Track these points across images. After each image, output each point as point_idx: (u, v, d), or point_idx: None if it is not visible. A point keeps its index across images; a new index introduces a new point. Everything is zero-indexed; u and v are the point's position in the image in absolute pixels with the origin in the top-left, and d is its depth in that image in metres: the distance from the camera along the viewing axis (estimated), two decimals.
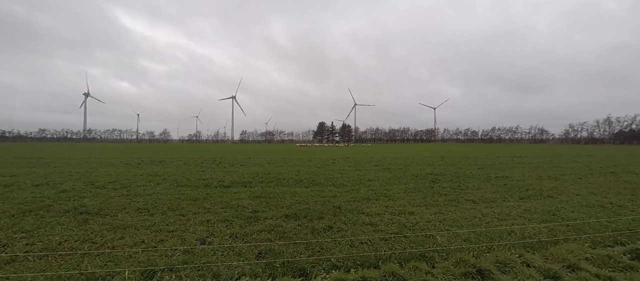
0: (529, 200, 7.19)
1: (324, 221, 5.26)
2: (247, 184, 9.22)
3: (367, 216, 5.67)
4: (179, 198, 7.06)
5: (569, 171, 13.13)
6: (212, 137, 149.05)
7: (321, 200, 7.03)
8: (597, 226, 5.05)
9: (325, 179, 10.32)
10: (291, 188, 8.65)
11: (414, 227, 5.01)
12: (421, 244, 4.23)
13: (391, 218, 5.54)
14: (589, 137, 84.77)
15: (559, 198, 7.33)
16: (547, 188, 8.63)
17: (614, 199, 7.22)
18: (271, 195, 7.51)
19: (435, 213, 5.93)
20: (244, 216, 5.55)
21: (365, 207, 6.35)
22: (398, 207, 6.42)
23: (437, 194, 7.81)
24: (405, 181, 10.04)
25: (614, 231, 4.78)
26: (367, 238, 4.47)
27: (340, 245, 4.18)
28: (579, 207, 6.47)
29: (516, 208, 6.32)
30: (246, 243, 4.29)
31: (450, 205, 6.57)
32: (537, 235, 4.62)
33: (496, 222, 5.33)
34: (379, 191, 8.15)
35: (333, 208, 6.21)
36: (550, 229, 4.94)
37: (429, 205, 6.55)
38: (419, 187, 8.89)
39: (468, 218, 5.57)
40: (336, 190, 8.35)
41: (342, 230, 4.83)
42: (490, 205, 6.65)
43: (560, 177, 11.09)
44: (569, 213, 5.93)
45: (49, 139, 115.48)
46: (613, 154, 28.04)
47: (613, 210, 6.22)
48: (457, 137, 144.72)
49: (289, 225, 5.08)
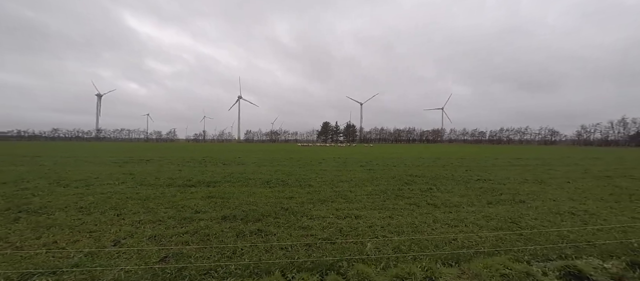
0: (496, 205, 6.72)
1: (258, 224, 5.00)
2: (212, 184, 9.04)
3: (309, 219, 5.37)
4: (130, 197, 6.93)
5: (561, 174, 12.42)
6: (218, 137, 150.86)
7: (275, 201, 6.77)
8: (552, 237, 4.59)
9: (296, 180, 10.04)
10: (254, 188, 8.41)
11: (350, 232, 4.69)
12: (343, 251, 3.91)
13: (333, 221, 5.23)
14: (602, 138, 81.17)
15: (531, 204, 6.82)
16: (525, 193, 8.10)
17: (592, 206, 6.67)
18: (227, 195, 7.29)
19: (385, 217, 5.58)
20: (179, 217, 5.34)
21: (314, 209, 6.04)
22: (350, 209, 6.09)
23: (401, 197, 7.43)
24: (379, 183, 9.66)
25: (568, 243, 4.33)
26: (290, 243, 4.19)
27: (256, 250, 3.91)
28: (547, 214, 5.97)
29: (476, 213, 5.89)
30: (160, 246, 4.08)
31: (407, 209, 6.19)
32: (478, 245, 4.22)
33: (443, 229, 4.94)
34: (342, 192, 7.82)
35: (281, 210, 5.95)
36: (498, 238, 4.52)
37: (384, 209, 6.19)
38: (388, 188, 8.50)
39: (416, 223, 5.19)
40: (299, 191, 8.07)
41: (270, 234, 4.55)
42: (451, 209, 6.23)
43: (548, 181, 10.47)
44: (531, 220, 5.46)
45: (61, 138, 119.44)
46: (622, 157, 26.66)
47: (583, 218, 5.70)
48: (464, 137, 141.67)
49: (219, 227, 4.84)
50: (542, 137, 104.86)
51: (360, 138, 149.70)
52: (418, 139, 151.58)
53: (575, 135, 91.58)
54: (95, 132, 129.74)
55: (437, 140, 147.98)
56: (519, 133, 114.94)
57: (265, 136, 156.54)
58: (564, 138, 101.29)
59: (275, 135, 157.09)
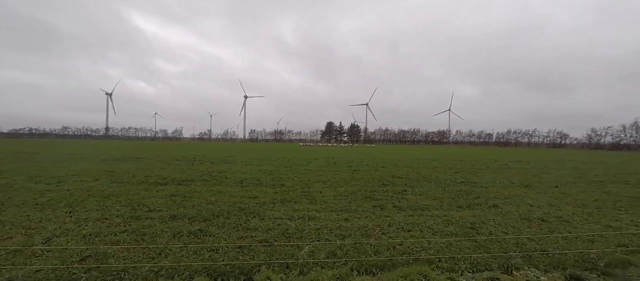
0: (466, 209, 6.41)
1: (202, 224, 4.85)
2: (185, 182, 8.97)
3: (260, 220, 5.20)
4: (92, 194, 6.90)
5: (553, 178, 11.92)
6: (223, 136, 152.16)
7: (237, 200, 6.62)
8: (507, 245, 4.30)
9: (273, 179, 9.88)
10: (225, 187, 8.30)
11: (294, 235, 4.50)
12: (272, 255, 3.72)
13: (283, 223, 5.04)
14: (614, 142, 78.11)
15: (504, 208, 6.49)
16: (503, 197, 7.74)
17: (568, 212, 6.29)
18: (191, 194, 7.18)
19: (341, 219, 5.37)
20: (128, 216, 5.25)
21: (271, 210, 5.87)
22: (308, 210, 5.90)
23: (370, 198, 7.19)
24: (355, 183, 9.41)
25: (522, 251, 4.04)
26: (224, 244, 4.02)
27: (184, 251, 3.76)
28: (516, 219, 5.65)
29: (439, 218, 5.61)
30: (90, 244, 3.97)
31: (369, 212, 5.95)
32: (420, 252, 3.97)
33: (395, 233, 4.70)
34: (311, 193, 7.63)
35: (236, 210, 5.80)
36: (447, 244, 4.25)
37: (345, 211, 5.97)
38: (361, 189, 8.26)
39: (369, 227, 4.96)
40: (268, 190, 7.91)
41: (209, 235, 4.40)
42: (415, 213, 5.96)
43: (535, 184, 10.03)
44: (493, 226, 5.16)
45: (70, 136, 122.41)
46: (628, 161, 25.62)
47: (552, 225, 5.36)
48: (470, 139, 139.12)
49: (161, 226, 4.72)
50: (551, 140, 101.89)
51: (365, 139, 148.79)
52: (423, 140, 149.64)
53: (586, 139, 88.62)
54: (103, 131, 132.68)
55: (443, 141, 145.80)
56: (526, 136, 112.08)
57: (269, 135, 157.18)
58: (574, 141, 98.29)
59: (279, 134, 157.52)
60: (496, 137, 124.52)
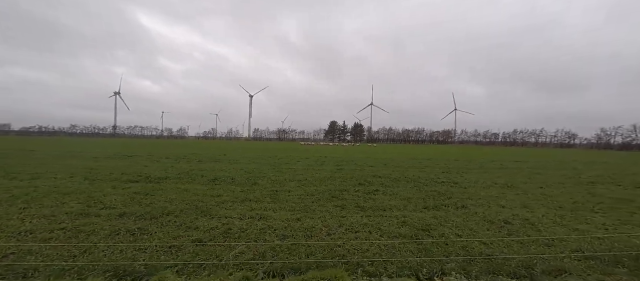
0: (430, 210, 6.18)
1: (147, 222, 4.78)
2: (157, 180, 8.95)
3: (209, 219, 5.10)
4: (56, 191, 6.91)
5: (542, 178, 11.50)
6: (227, 134, 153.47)
7: (197, 199, 6.53)
8: (453, 248, 4.09)
9: (248, 178, 9.78)
10: (194, 185, 8.24)
11: (234, 235, 4.38)
12: (196, 255, 3.60)
13: (229, 222, 4.93)
14: (625, 142, 75.53)
15: (472, 210, 6.23)
16: (477, 197, 7.46)
17: (539, 215, 5.99)
18: (155, 191, 7.15)
19: (293, 219, 5.22)
20: (77, 213, 5.21)
21: (226, 209, 5.77)
22: (264, 210, 5.79)
23: (336, 198, 7.02)
24: (330, 183, 9.23)
25: (465, 255, 3.83)
26: (157, 243, 3.92)
27: (112, 250, 3.67)
28: (478, 221, 5.40)
29: (396, 219, 5.39)
30: (21, 242, 3.92)
31: (328, 212, 5.78)
32: (355, 254, 3.80)
33: (340, 234, 4.52)
34: (278, 192, 7.50)
35: (191, 208, 5.72)
36: (390, 247, 4.07)
37: (303, 210, 5.82)
38: (331, 189, 8.09)
39: (317, 227, 4.80)
40: (235, 189, 7.83)
41: (147, 233, 4.32)
42: (374, 213, 5.77)
43: (519, 185, 9.68)
44: (449, 228, 4.92)
45: (78, 134, 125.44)
46: (634, 162, 24.71)
47: (513, 228, 5.09)
48: (476, 139, 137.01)
49: (103, 224, 4.66)
50: (558, 140, 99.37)
51: (368, 138, 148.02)
52: (428, 140, 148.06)
53: (595, 138, 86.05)
54: (110, 129, 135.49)
55: (448, 141, 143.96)
56: (533, 135, 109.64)
57: (273, 134, 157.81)
58: (584, 141, 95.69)
59: (283, 133, 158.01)
60: (502, 137, 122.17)
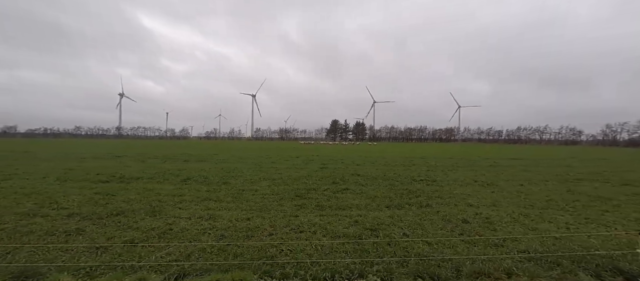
0: (392, 209, 6.01)
1: (88, 222, 4.73)
2: (129, 180, 8.95)
3: (156, 219, 5.01)
4: (21, 192, 6.93)
5: (528, 176, 11.20)
6: (229, 134, 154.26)
7: (159, 198, 6.48)
8: (396, 248, 3.93)
9: (223, 177, 9.72)
10: (164, 185, 8.20)
11: (173, 235, 4.28)
12: (120, 255, 3.50)
13: (175, 222, 4.84)
14: (631, 138, 73.55)
15: (435, 208, 6.04)
16: (447, 196, 7.26)
17: (504, 213, 5.78)
18: (118, 191, 7.12)
19: (243, 219, 5.11)
20: (25, 213, 5.17)
21: (180, 208, 5.71)
22: (219, 209, 5.71)
23: (299, 197, 6.90)
24: (304, 181, 9.11)
25: (398, 257, 3.67)
26: (87, 244, 3.84)
27: (34, 250, 3.60)
28: (436, 220, 5.21)
29: (350, 218, 5.24)
30: None
31: (281, 211, 5.67)
32: (287, 255, 3.66)
33: (283, 234, 4.39)
34: (244, 191, 7.43)
35: (146, 208, 5.65)
36: (328, 248, 3.92)
37: (257, 210, 5.71)
38: (299, 188, 7.97)
39: (262, 227, 4.68)
40: (202, 188, 7.78)
41: (83, 234, 4.25)
42: (330, 212, 5.63)
43: (500, 183, 9.42)
44: (399, 228, 4.75)
45: (82, 136, 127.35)
46: (633, 159, 24.08)
47: (470, 227, 4.90)
48: (479, 136, 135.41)
49: (46, 224, 4.60)
50: (562, 137, 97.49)
51: (370, 137, 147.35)
52: (430, 138, 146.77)
53: (601, 135, 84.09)
54: (114, 130, 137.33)
55: (451, 139, 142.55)
56: (537, 133, 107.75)
57: (275, 134, 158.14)
58: (590, 138, 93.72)
59: (285, 133, 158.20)
60: (506, 135, 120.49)
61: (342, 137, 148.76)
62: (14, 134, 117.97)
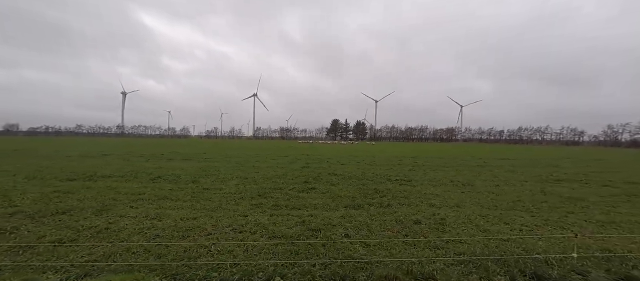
0: (350, 209, 5.87)
1: (27, 220, 4.66)
2: (98, 178, 8.92)
3: (100, 218, 4.93)
4: None
5: (509, 176, 10.99)
6: (229, 133, 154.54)
7: (116, 196, 6.41)
8: (328, 251, 3.81)
9: (196, 176, 9.64)
10: (129, 183, 8.15)
11: (107, 235, 4.19)
12: (39, 255, 3.41)
13: (116, 221, 4.75)
14: (633, 139, 72.45)
15: (394, 209, 5.90)
16: (413, 196, 7.10)
17: (463, 214, 5.62)
18: (78, 190, 7.06)
19: (189, 218, 5.01)
20: None
21: (131, 207, 5.62)
22: (169, 208, 5.63)
23: (261, 196, 6.80)
24: (275, 180, 9.00)
25: (323, 259, 3.55)
26: (13, 243, 3.76)
27: None
28: (389, 221, 5.07)
29: (299, 218, 5.12)
30: None
31: (234, 210, 5.56)
32: (208, 257, 3.56)
33: (219, 235, 4.29)
34: (208, 190, 7.34)
35: (98, 207, 5.57)
36: (258, 248, 3.81)
37: (211, 209, 5.61)
38: (266, 187, 7.86)
39: (203, 227, 4.57)
40: (166, 186, 7.71)
41: (15, 233, 4.17)
42: (283, 211, 5.51)
43: (476, 183, 9.23)
44: (344, 230, 4.61)
45: (83, 134, 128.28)
46: (628, 161, 23.71)
47: (420, 228, 4.76)
48: (480, 136, 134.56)
49: None
50: (564, 137, 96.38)
51: (371, 137, 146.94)
52: (431, 137, 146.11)
53: (602, 136, 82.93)
54: (115, 129, 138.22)
55: (452, 138, 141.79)
56: (538, 133, 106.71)
57: (276, 133, 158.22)
58: (593, 138, 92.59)
59: (286, 132, 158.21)
60: (507, 134, 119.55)
61: (342, 136, 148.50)
62: (16, 132, 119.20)
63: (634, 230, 4.85)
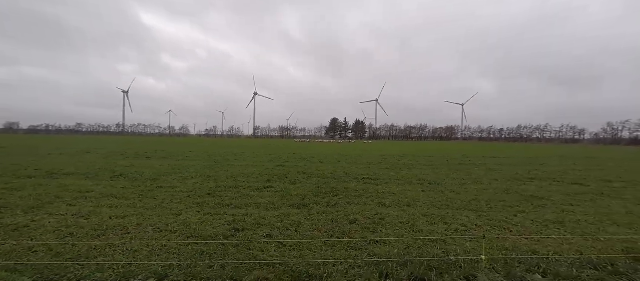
0: (294, 208, 5.74)
1: None
2: (58, 176, 8.86)
3: (32, 215, 4.83)
4: None
5: (484, 175, 10.80)
6: (228, 132, 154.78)
7: (63, 194, 6.30)
8: (240, 253, 3.67)
9: (158, 174, 9.56)
10: (87, 181, 8.07)
11: (20, 232, 4.07)
12: None
13: (40, 219, 4.64)
14: (633, 137, 71.51)
15: (339, 208, 5.75)
16: (371, 195, 6.94)
17: (407, 214, 5.48)
18: (27, 187, 7.00)
19: (119, 216, 4.90)
20: None
21: (71, 205, 5.51)
22: (110, 206, 5.51)
23: (210, 195, 6.69)
24: (238, 179, 8.90)
25: (220, 259, 3.41)
26: None
27: None
28: (321, 222, 4.93)
29: (228, 217, 4.99)
30: None
31: (171, 209, 5.44)
32: (107, 257, 3.43)
33: (140, 233, 4.17)
34: (162, 188, 7.24)
35: (35, 204, 5.46)
36: (158, 248, 3.68)
37: (147, 208, 5.50)
38: (223, 185, 7.75)
39: (126, 226, 4.46)
40: (120, 184, 7.62)
41: None
42: (221, 210, 5.38)
43: (445, 181, 9.07)
44: (269, 230, 4.49)
45: (83, 132, 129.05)
46: (619, 158, 23.32)
47: (355, 228, 4.62)
48: (480, 135, 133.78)
49: None
50: (563, 135, 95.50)
51: (370, 135, 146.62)
52: (431, 136, 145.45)
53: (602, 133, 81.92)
54: (114, 127, 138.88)
55: (451, 137, 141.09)
56: (537, 131, 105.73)
57: (275, 132, 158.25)
58: (593, 136, 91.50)
59: (286, 131, 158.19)
60: (507, 133, 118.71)
61: (341, 135, 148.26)
62: (17, 131, 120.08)
63: (575, 231, 4.67)
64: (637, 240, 4.25)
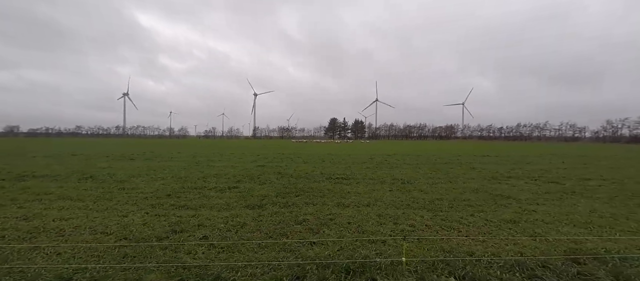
0: (250, 209, 5.64)
1: None
2: (26, 178, 8.83)
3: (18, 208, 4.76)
4: None
5: (462, 174, 10.68)
6: (227, 133, 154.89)
7: (15, 196, 6.24)
8: (160, 253, 3.59)
9: (129, 175, 9.48)
10: (51, 183, 8.02)
11: None
12: None
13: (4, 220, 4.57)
14: (633, 134, 70.88)
15: (295, 208, 5.66)
16: (335, 194, 6.84)
17: (360, 214, 5.37)
18: None
19: (62, 218, 4.81)
20: None
21: (22, 208, 5.43)
22: (62, 208, 5.46)
23: (167, 196, 6.59)
24: (209, 180, 8.81)
25: (153, 263, 3.32)
26: None
27: None
28: (268, 222, 4.84)
29: (173, 218, 4.90)
30: None
31: (122, 210, 5.35)
32: (18, 261, 3.35)
33: (76, 235, 4.09)
34: (125, 190, 7.15)
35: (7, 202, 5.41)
36: (83, 250, 3.60)
37: (105, 209, 5.42)
38: (189, 186, 7.67)
39: (61, 228, 4.38)
40: (85, 186, 7.55)
41: None
42: (171, 211, 5.29)
43: (420, 180, 8.94)
44: (204, 232, 4.40)
45: (82, 135, 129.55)
46: (609, 157, 23.09)
47: (294, 230, 4.53)
48: (480, 133, 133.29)
49: None
50: (561, 134, 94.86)
51: (369, 135, 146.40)
52: (430, 135, 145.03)
53: (602, 131, 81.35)
54: (114, 129, 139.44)
55: (451, 136, 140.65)
56: (536, 129, 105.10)
57: (274, 132, 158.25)
58: (594, 134, 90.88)
59: (286, 131, 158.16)
60: (506, 131, 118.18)
61: (340, 135, 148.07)
62: (17, 134, 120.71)
63: (526, 231, 4.55)
64: (584, 241, 4.14)
